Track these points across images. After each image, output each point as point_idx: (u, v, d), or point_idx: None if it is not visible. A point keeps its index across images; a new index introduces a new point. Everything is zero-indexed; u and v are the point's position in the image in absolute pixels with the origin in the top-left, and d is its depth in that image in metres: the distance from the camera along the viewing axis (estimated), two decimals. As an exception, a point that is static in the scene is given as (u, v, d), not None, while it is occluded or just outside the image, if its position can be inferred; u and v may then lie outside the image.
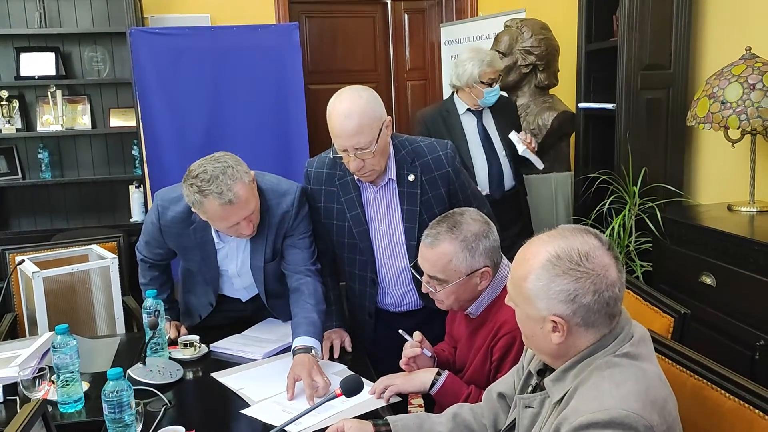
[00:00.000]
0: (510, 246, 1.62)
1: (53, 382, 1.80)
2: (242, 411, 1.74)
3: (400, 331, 1.87)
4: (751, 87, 2.44)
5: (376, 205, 2.08)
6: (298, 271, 2.10)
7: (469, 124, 3.12)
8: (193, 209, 1.96)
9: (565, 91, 3.80)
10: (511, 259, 1.33)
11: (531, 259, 1.22)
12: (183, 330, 2.25)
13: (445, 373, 1.75)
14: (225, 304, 2.30)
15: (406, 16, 5.51)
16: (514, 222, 3.04)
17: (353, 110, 1.87)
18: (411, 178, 2.04)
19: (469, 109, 3.11)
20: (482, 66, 3.04)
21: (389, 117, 1.97)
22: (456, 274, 1.70)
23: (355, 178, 2.05)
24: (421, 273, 1.78)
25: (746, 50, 2.58)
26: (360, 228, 2.07)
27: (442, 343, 2.01)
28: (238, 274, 2.19)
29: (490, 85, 3.04)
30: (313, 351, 1.90)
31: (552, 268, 1.18)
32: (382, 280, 2.13)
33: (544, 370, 1.33)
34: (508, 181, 3.10)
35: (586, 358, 1.21)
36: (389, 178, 2.04)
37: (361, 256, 2.10)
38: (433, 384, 1.73)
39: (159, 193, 2.14)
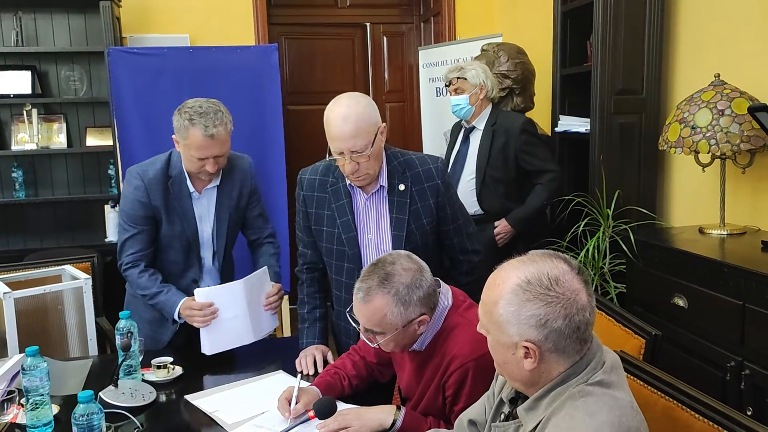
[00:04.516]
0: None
1: (22, 405, 1.77)
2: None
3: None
4: (720, 113, 2.50)
5: (365, 212, 2.10)
6: (261, 243, 2.56)
7: (458, 139, 3.18)
8: (174, 135, 2.24)
9: (541, 115, 3.86)
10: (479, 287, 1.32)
11: (501, 285, 1.22)
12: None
13: (403, 411, 1.72)
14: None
15: (385, 38, 5.57)
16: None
17: (351, 114, 1.92)
18: (401, 187, 2.07)
19: (464, 125, 3.17)
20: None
21: (384, 123, 2.02)
22: (392, 326, 1.66)
23: (347, 184, 2.07)
24: (357, 322, 1.74)
25: (715, 77, 2.64)
26: (349, 234, 2.08)
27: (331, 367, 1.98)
28: (211, 239, 2.42)
29: (452, 91, 3.15)
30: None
31: (522, 293, 1.19)
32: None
33: (516, 398, 1.32)
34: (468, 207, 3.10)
35: (559, 386, 1.21)
36: (380, 185, 2.07)
37: (349, 263, 2.10)
38: (393, 424, 1.70)
39: (132, 168, 2.38)
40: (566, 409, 1.17)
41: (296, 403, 1.75)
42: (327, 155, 2.02)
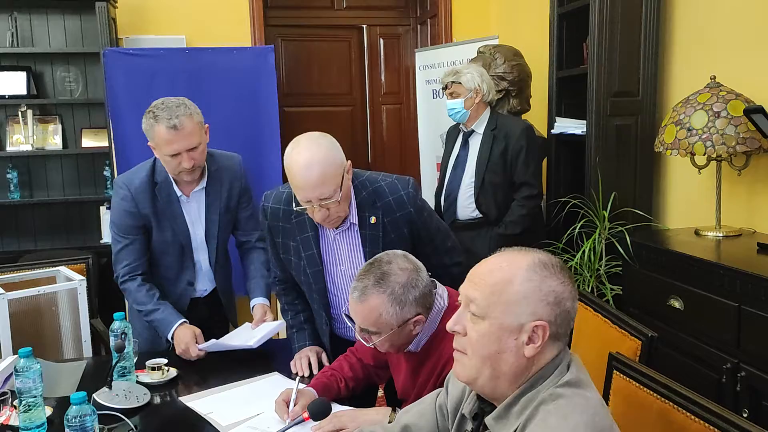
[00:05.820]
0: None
1: (15, 407, 1.76)
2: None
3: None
4: (716, 115, 2.51)
5: (336, 246, 2.04)
6: (251, 248, 2.54)
7: (456, 144, 3.17)
8: (148, 142, 2.23)
9: (537, 117, 3.86)
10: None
11: (511, 265, 1.20)
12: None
13: (399, 413, 1.69)
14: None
15: (381, 41, 5.58)
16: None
17: (314, 160, 1.79)
18: (373, 220, 1.98)
19: (463, 128, 3.17)
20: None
21: (349, 161, 1.92)
22: (388, 326, 1.65)
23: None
24: (354, 322, 1.73)
25: (711, 79, 2.65)
26: (315, 269, 2.02)
27: (329, 368, 1.98)
28: (204, 242, 2.41)
29: (449, 95, 3.16)
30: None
31: (540, 270, 1.19)
32: (342, 316, 2.08)
33: (480, 414, 1.27)
34: (464, 211, 3.09)
35: (529, 391, 1.18)
36: (351, 223, 1.99)
37: (316, 295, 2.08)
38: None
39: (117, 179, 2.39)
40: (540, 415, 1.14)
41: (294, 406, 1.74)
42: (294, 204, 1.93)
